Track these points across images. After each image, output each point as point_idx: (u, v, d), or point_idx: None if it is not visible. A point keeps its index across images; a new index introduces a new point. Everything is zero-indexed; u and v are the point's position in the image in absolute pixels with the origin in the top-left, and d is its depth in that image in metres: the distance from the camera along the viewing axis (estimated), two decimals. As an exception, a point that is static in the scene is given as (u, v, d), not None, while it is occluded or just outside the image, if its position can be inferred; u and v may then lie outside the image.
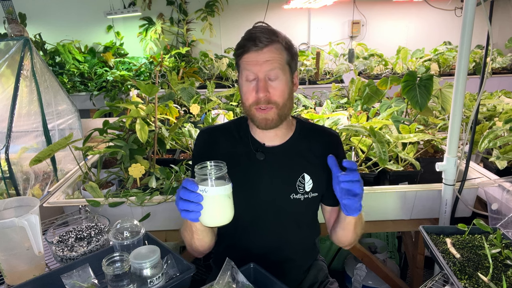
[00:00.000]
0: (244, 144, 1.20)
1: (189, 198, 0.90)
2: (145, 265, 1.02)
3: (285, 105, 1.10)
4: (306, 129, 1.24)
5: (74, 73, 4.16)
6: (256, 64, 1.05)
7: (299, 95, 2.97)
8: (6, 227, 1.07)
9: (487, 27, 1.42)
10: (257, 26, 1.11)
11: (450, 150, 1.55)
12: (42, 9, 4.71)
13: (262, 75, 1.06)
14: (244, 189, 1.17)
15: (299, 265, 1.30)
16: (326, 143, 1.22)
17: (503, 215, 1.37)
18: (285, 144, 1.20)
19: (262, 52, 1.05)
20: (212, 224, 0.97)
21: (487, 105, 2.46)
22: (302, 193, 1.18)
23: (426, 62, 4.17)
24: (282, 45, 1.07)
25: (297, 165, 1.18)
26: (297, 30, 5.14)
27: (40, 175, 1.85)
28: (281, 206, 1.19)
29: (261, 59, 1.05)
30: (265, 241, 1.23)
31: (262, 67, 1.05)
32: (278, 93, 1.07)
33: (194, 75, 3.75)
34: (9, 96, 1.76)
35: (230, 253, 1.30)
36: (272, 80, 1.07)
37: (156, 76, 2.15)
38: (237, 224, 1.24)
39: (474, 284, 1.00)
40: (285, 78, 1.08)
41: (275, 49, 1.06)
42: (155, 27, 4.75)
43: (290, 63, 1.09)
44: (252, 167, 1.18)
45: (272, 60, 1.05)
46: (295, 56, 1.12)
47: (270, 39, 1.05)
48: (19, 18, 4.27)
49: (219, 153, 1.20)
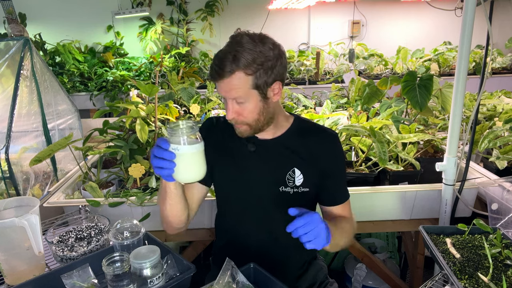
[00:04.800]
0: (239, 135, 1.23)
1: (162, 156, 0.95)
2: (145, 265, 1.02)
3: (257, 122, 1.14)
4: (303, 127, 1.25)
5: (74, 73, 4.16)
6: (221, 91, 1.10)
7: (299, 95, 2.97)
8: (6, 227, 1.06)
9: (487, 27, 1.42)
10: (228, 44, 1.09)
11: (450, 150, 1.55)
12: (42, 9, 4.71)
13: (228, 100, 1.11)
14: (235, 179, 1.24)
15: (294, 260, 1.30)
16: (322, 141, 1.22)
17: (503, 215, 1.37)
18: (277, 138, 1.22)
19: (223, 82, 1.07)
20: (185, 180, 1.01)
21: (487, 105, 2.46)
22: (291, 187, 1.20)
23: (426, 62, 4.17)
24: (244, 72, 1.05)
25: (288, 159, 1.20)
26: (297, 30, 5.14)
27: (40, 175, 1.85)
28: (270, 197, 1.22)
29: (223, 88, 1.09)
30: (259, 234, 1.25)
31: (226, 94, 1.09)
32: (245, 114, 1.11)
33: (194, 75, 3.76)
34: (9, 96, 1.76)
35: (228, 249, 1.31)
36: (239, 104, 1.10)
37: (156, 76, 2.15)
38: (231, 214, 1.30)
39: (474, 284, 1.00)
40: (252, 101, 1.10)
41: (235, 78, 1.05)
42: (155, 27, 4.75)
43: (258, 84, 1.08)
44: (243, 157, 1.22)
45: (234, 89, 1.07)
46: (270, 70, 1.08)
47: (228, 70, 1.04)
48: (19, 18, 4.27)
49: (216, 140, 1.25)
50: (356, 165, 1.84)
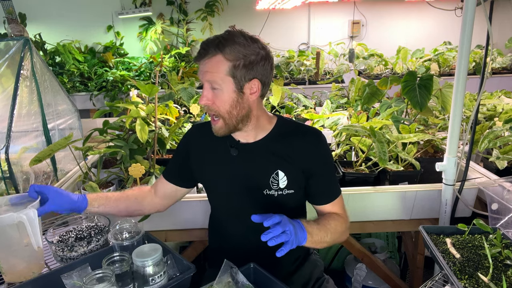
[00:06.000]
0: (222, 140, 1.24)
1: None
2: (147, 263, 1.02)
3: (229, 115, 1.14)
4: (286, 128, 1.25)
5: (74, 73, 4.16)
6: (200, 73, 1.13)
7: (299, 95, 2.97)
8: (5, 223, 1.06)
9: (487, 27, 1.42)
10: (218, 34, 1.13)
11: (450, 150, 1.55)
12: (42, 9, 4.71)
13: (205, 83, 1.13)
14: (220, 184, 1.26)
15: (284, 256, 1.29)
16: (305, 141, 1.22)
17: (503, 215, 1.37)
18: (259, 142, 1.23)
19: (203, 62, 1.11)
20: None
21: (487, 105, 2.46)
22: (276, 190, 1.20)
23: (426, 62, 4.17)
24: (224, 57, 1.08)
25: (271, 162, 1.21)
26: (297, 30, 5.15)
27: (40, 175, 1.85)
28: (255, 201, 1.22)
29: (202, 69, 1.12)
30: (247, 236, 1.25)
31: (203, 77, 1.12)
32: (218, 103, 1.13)
33: (194, 75, 3.76)
34: (9, 96, 1.76)
35: (221, 251, 1.33)
36: (213, 89, 1.12)
37: (156, 76, 2.15)
38: (220, 217, 1.33)
39: (474, 284, 1.00)
40: (226, 89, 1.11)
41: (215, 61, 1.09)
42: (155, 27, 4.75)
43: (235, 74, 1.10)
44: (227, 162, 1.24)
45: (210, 71, 1.10)
46: (251, 65, 1.10)
47: (210, 51, 1.09)
48: (19, 18, 4.27)
49: (202, 147, 1.29)
50: (356, 165, 1.84)
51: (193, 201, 1.63)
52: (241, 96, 1.13)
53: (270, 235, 0.96)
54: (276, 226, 0.98)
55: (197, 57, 1.13)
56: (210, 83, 1.11)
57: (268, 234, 0.97)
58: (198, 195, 1.67)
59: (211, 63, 1.09)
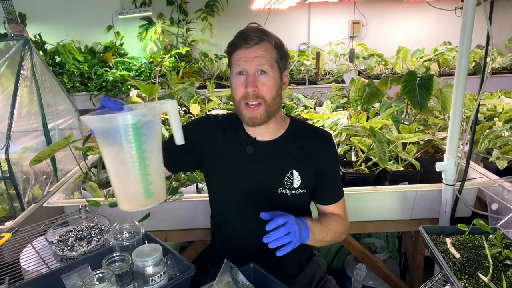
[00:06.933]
0: (237, 136, 1.24)
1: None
2: (147, 262, 1.02)
3: (273, 101, 1.15)
4: (299, 129, 1.27)
5: (74, 73, 4.16)
6: (246, 60, 1.11)
7: (299, 95, 2.97)
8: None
9: (487, 27, 1.42)
10: (249, 26, 1.17)
11: (450, 150, 1.55)
12: (42, 9, 4.71)
13: (251, 70, 1.12)
14: (232, 181, 1.24)
15: (290, 258, 1.29)
16: (318, 142, 1.25)
17: (503, 215, 1.37)
18: (276, 140, 1.23)
19: (252, 49, 1.11)
20: None
21: (487, 105, 2.46)
22: (289, 189, 1.21)
23: (426, 62, 4.17)
24: (271, 43, 1.13)
25: (286, 162, 1.21)
26: (297, 30, 5.14)
27: (40, 175, 1.85)
28: (268, 199, 1.22)
29: (251, 55, 1.11)
30: (255, 235, 1.23)
31: (252, 63, 1.11)
32: (265, 89, 1.13)
33: (194, 75, 3.76)
34: (9, 96, 1.76)
35: (225, 250, 1.32)
36: (261, 76, 1.12)
37: (156, 76, 2.15)
38: (226, 214, 1.30)
39: (474, 284, 1.00)
40: (273, 75, 1.13)
41: (264, 47, 1.12)
42: (155, 27, 4.75)
43: (279, 61, 1.15)
44: (242, 159, 1.23)
45: (261, 57, 1.11)
46: (285, 55, 1.18)
47: (260, 37, 1.11)
48: (19, 18, 4.27)
49: (213, 139, 1.25)
50: (356, 165, 1.84)
51: (193, 201, 1.63)
52: (280, 85, 1.17)
53: (272, 237, 0.97)
54: (280, 228, 0.98)
55: (240, 45, 1.12)
56: (260, 68, 1.11)
57: (270, 236, 0.97)
58: (198, 195, 1.66)
59: (262, 49, 1.11)
